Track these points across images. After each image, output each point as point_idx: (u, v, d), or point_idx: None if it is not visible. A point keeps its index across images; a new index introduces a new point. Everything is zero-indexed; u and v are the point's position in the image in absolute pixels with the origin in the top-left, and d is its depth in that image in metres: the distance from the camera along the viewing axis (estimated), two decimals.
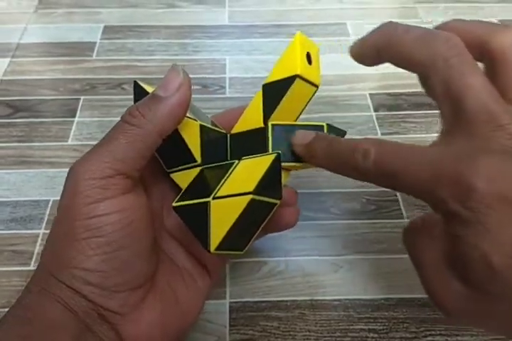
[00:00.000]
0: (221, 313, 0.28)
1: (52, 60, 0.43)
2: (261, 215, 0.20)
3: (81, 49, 0.44)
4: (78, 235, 0.18)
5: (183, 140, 0.21)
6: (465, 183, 0.15)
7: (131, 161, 0.19)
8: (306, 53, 0.22)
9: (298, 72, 0.21)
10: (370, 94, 0.40)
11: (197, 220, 0.19)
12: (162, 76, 0.20)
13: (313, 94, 0.23)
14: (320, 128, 0.23)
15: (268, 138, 0.22)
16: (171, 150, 0.21)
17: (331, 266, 0.30)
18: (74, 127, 0.38)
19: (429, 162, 0.16)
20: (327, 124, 0.23)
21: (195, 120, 0.22)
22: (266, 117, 0.22)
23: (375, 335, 0.27)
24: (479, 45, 0.18)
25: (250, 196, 0.18)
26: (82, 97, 0.40)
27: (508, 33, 0.18)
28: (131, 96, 0.21)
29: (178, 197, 0.20)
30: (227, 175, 0.21)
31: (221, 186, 0.20)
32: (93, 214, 0.18)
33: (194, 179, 0.22)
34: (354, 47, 0.21)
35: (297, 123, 0.23)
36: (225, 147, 0.23)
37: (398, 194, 0.34)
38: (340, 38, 0.45)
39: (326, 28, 0.46)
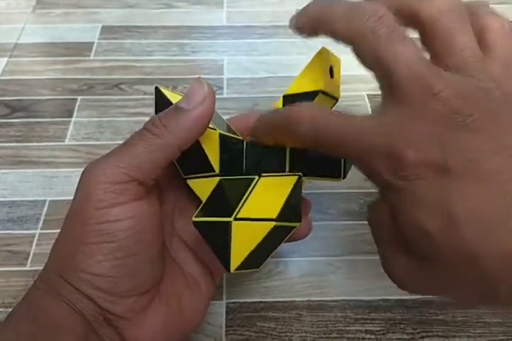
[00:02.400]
0: (218, 314, 0.28)
1: (50, 59, 0.43)
2: (280, 237, 0.20)
3: (79, 49, 0.44)
4: (87, 239, 0.18)
5: (202, 150, 0.21)
6: (396, 154, 0.15)
7: (147, 170, 0.19)
8: (329, 67, 0.22)
9: (321, 88, 0.21)
10: (368, 95, 0.40)
11: (217, 238, 0.19)
12: (160, 76, 0.20)
13: (333, 107, 0.23)
14: None
15: (286, 150, 0.22)
16: (189, 158, 0.21)
17: (329, 267, 0.30)
18: (71, 127, 0.37)
19: (363, 133, 0.16)
20: None
21: (214, 129, 0.21)
22: None
23: (372, 336, 0.27)
24: (410, 15, 0.18)
25: (273, 223, 0.18)
26: (79, 97, 0.40)
27: (435, 0, 0.18)
28: (129, 97, 0.21)
29: (198, 211, 0.20)
30: (247, 192, 0.20)
31: (242, 205, 0.19)
32: (104, 220, 0.18)
33: (213, 192, 0.22)
34: (294, 21, 0.20)
35: None
36: (242, 155, 0.23)
37: None
38: None
39: None
